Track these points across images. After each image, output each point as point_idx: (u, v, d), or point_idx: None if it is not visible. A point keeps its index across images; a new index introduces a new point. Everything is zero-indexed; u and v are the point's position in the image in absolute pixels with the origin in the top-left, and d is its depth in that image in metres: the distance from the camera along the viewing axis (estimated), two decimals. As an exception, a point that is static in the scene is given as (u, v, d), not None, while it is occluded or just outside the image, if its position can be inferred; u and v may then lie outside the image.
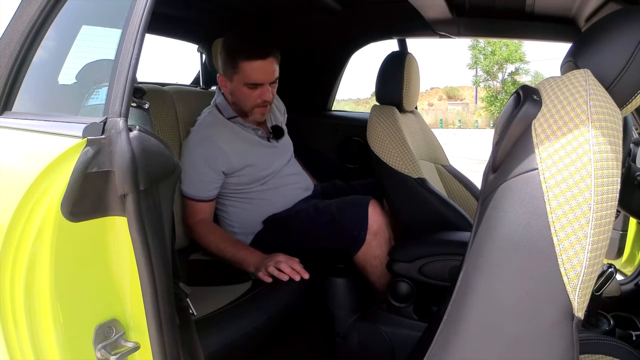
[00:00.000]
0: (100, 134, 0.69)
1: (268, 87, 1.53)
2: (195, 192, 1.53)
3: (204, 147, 1.52)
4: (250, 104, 1.56)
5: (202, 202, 1.55)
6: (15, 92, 1.02)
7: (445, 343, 0.65)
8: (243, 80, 1.51)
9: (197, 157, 1.52)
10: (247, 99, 1.54)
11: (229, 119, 1.61)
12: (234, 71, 1.51)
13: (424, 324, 1.24)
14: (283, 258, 1.36)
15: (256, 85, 1.51)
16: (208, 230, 1.53)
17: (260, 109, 1.57)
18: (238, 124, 1.61)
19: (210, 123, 1.59)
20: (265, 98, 1.53)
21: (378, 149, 1.55)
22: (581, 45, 0.66)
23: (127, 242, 0.69)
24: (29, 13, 0.98)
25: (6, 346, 0.75)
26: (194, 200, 1.54)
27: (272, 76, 1.53)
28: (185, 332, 0.78)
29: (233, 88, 1.55)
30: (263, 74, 1.50)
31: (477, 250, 0.62)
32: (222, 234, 1.54)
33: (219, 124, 1.59)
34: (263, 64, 1.49)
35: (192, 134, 1.58)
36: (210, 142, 1.53)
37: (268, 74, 1.51)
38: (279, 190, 1.65)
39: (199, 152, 1.52)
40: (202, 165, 1.52)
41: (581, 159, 0.54)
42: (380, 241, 1.44)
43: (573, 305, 0.54)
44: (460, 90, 29.62)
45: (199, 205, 1.55)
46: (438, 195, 1.52)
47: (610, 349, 0.85)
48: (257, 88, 1.52)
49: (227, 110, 1.62)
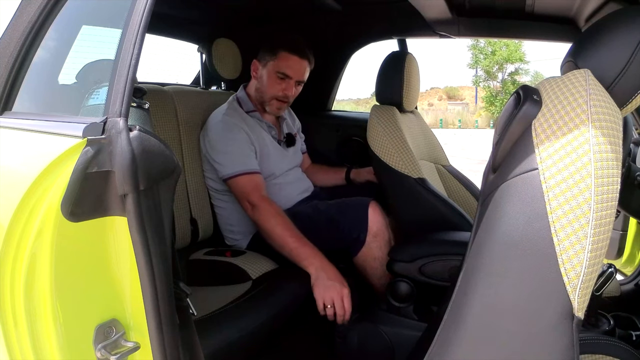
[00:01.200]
0: (100, 134, 0.69)
1: (294, 84, 1.62)
2: (244, 166, 1.51)
3: (235, 130, 1.56)
4: (271, 94, 1.63)
5: (255, 175, 1.52)
6: (15, 92, 1.02)
7: (445, 343, 0.65)
8: (276, 68, 1.60)
9: (233, 140, 1.54)
10: (272, 87, 1.62)
11: (248, 112, 1.67)
12: (271, 58, 1.60)
13: (424, 324, 1.24)
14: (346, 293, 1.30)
15: (285, 76, 1.61)
16: (273, 211, 1.43)
17: (278, 103, 1.65)
18: (255, 118, 1.68)
19: (232, 114, 1.62)
20: (288, 92, 1.63)
21: (378, 149, 1.55)
22: (581, 45, 0.66)
23: (127, 242, 0.69)
24: (29, 13, 0.98)
25: (6, 346, 0.75)
26: (246, 174, 1.50)
27: (302, 76, 1.64)
28: (185, 332, 0.78)
29: (264, 73, 1.63)
30: (295, 69, 1.61)
31: (477, 250, 0.62)
32: (288, 221, 1.43)
33: (239, 116, 1.64)
34: (299, 61, 1.60)
35: (218, 124, 1.58)
36: (238, 127, 1.57)
37: (299, 72, 1.62)
38: (279, 191, 1.66)
39: (233, 135, 1.55)
40: (241, 144, 1.54)
41: (581, 159, 0.54)
42: (380, 243, 1.44)
43: (573, 305, 0.54)
44: (460, 90, 29.63)
45: (254, 178, 1.50)
46: (438, 195, 1.52)
47: (610, 349, 0.85)
48: (284, 80, 1.62)
49: (247, 103, 1.69)
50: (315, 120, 2.22)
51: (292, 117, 1.91)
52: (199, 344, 0.82)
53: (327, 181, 1.93)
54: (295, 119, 1.93)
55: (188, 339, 0.79)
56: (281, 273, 1.43)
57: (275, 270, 1.45)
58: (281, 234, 1.39)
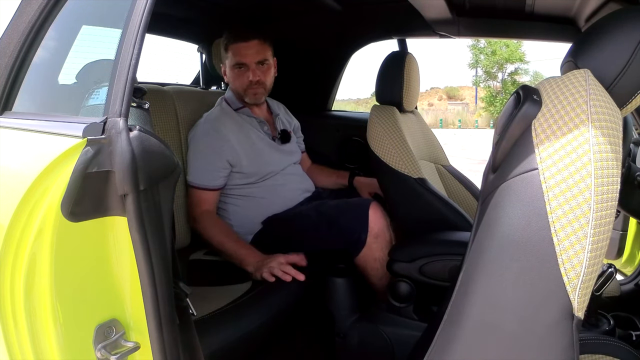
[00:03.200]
0: (100, 134, 0.69)
1: (254, 67, 1.63)
2: (200, 180, 1.56)
3: (210, 138, 1.58)
4: (241, 86, 1.65)
5: (207, 191, 1.57)
6: (15, 92, 1.02)
7: (445, 343, 0.65)
8: (231, 62, 1.64)
9: (203, 146, 1.57)
10: (237, 80, 1.65)
11: (237, 110, 1.68)
12: (226, 56, 1.65)
13: (424, 324, 1.24)
14: (283, 260, 1.37)
15: (241, 65, 1.62)
16: (212, 222, 1.54)
17: (252, 90, 1.66)
18: (245, 114, 1.69)
19: (217, 116, 1.65)
20: (252, 78, 1.63)
21: (378, 149, 1.55)
22: (581, 45, 0.66)
23: (127, 242, 0.69)
24: (29, 13, 0.98)
25: (6, 346, 0.75)
26: (199, 189, 1.56)
27: (255, 57, 1.62)
28: (185, 332, 0.78)
29: (228, 72, 1.67)
30: (245, 54, 1.61)
31: (477, 250, 0.62)
32: (226, 228, 1.55)
33: (226, 115, 1.65)
34: (245, 45, 1.61)
35: (199, 126, 1.63)
36: (216, 132, 1.59)
37: (250, 55, 1.62)
38: (279, 190, 1.66)
39: (205, 142, 1.58)
40: (209, 154, 1.57)
41: (581, 159, 0.54)
42: (381, 243, 1.44)
43: (573, 305, 0.54)
44: (460, 90, 29.62)
45: (204, 194, 1.56)
46: (438, 195, 1.52)
47: (610, 349, 0.85)
48: (242, 69, 1.63)
49: (235, 102, 1.70)
50: (315, 120, 2.22)
51: (288, 115, 1.90)
52: (198, 344, 0.82)
53: (329, 184, 1.93)
54: (292, 117, 1.93)
55: (188, 339, 0.79)
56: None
57: (275, 270, 1.45)
58: (218, 242, 1.49)
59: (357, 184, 1.87)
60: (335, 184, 1.92)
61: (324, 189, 1.88)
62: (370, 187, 1.81)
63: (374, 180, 1.75)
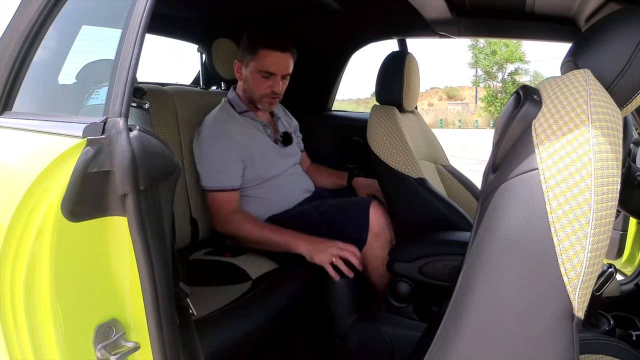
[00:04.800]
0: (100, 134, 0.69)
1: (279, 79, 1.59)
2: (220, 183, 1.53)
3: (222, 140, 1.55)
4: (259, 93, 1.61)
5: (231, 192, 1.54)
6: (15, 92, 1.02)
7: (445, 343, 0.65)
8: (258, 67, 1.57)
9: (217, 150, 1.55)
10: (258, 87, 1.60)
11: (241, 113, 1.66)
12: (252, 57, 1.57)
13: (424, 324, 1.24)
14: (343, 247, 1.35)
15: (269, 74, 1.58)
16: (244, 219, 1.51)
17: (269, 99, 1.63)
18: (249, 118, 1.67)
19: (223, 118, 1.62)
20: (275, 89, 1.60)
21: (378, 149, 1.55)
22: (581, 45, 0.66)
23: (127, 242, 0.69)
24: (29, 13, 0.98)
25: (6, 346, 0.75)
26: (222, 191, 1.53)
27: (286, 70, 1.60)
28: (185, 332, 0.78)
29: (247, 74, 1.61)
30: (278, 65, 1.57)
31: (477, 250, 0.62)
32: (258, 221, 1.52)
33: (231, 119, 1.63)
34: (280, 55, 1.56)
35: (207, 130, 1.59)
36: (227, 134, 1.56)
37: (282, 67, 1.58)
38: (279, 190, 1.66)
39: (218, 145, 1.55)
40: (224, 156, 1.54)
41: (581, 159, 0.54)
42: (382, 242, 1.44)
43: (573, 305, 0.54)
44: (460, 90, 29.62)
45: (226, 195, 1.54)
46: (438, 195, 1.52)
47: (610, 349, 0.85)
48: (269, 78, 1.58)
49: (239, 105, 1.67)
50: (315, 120, 2.22)
51: (287, 116, 1.90)
52: (198, 344, 0.82)
53: (329, 184, 1.93)
54: (291, 118, 1.92)
55: (188, 339, 0.79)
56: (281, 273, 1.43)
57: (275, 270, 1.45)
58: (257, 235, 1.46)
59: (356, 184, 1.87)
60: (334, 184, 1.92)
61: (323, 189, 1.88)
62: (369, 189, 1.81)
63: (373, 181, 1.74)
